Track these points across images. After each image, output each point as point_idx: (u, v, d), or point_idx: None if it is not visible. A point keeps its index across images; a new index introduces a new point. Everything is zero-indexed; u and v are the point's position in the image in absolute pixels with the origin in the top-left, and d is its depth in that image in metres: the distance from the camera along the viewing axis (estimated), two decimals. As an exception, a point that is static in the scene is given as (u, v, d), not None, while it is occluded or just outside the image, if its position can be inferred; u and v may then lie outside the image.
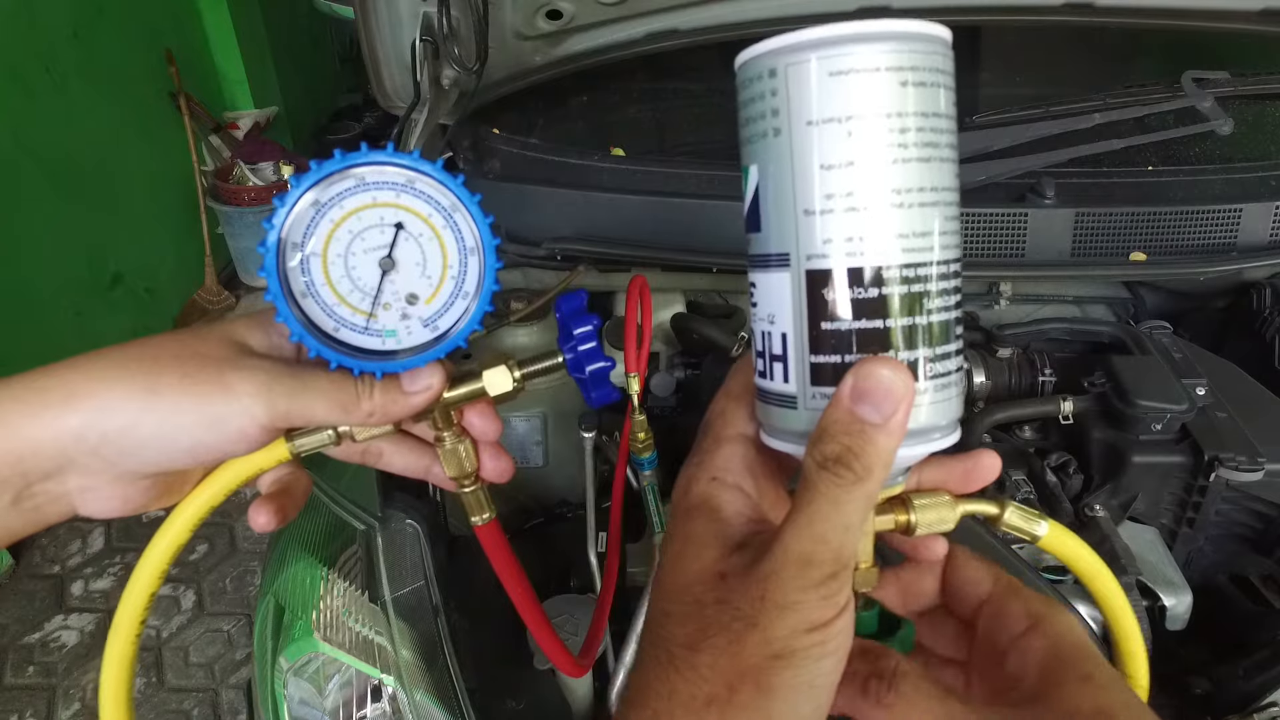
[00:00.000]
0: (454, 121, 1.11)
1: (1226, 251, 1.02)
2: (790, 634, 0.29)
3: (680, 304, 1.10)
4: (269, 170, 3.26)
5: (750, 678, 0.29)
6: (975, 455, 0.37)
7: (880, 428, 0.29)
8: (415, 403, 0.41)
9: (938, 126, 0.30)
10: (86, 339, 2.60)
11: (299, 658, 0.72)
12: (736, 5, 1.13)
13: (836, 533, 0.29)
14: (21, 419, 0.36)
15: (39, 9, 2.44)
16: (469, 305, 0.39)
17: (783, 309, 0.32)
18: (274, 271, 0.37)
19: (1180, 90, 1.13)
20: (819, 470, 0.29)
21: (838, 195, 0.30)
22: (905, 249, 0.30)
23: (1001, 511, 0.38)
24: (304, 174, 0.37)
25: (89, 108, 2.66)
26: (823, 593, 0.29)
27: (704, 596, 0.31)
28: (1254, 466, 0.78)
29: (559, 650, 0.54)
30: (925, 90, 0.30)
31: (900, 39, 0.29)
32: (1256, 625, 0.78)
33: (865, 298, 0.30)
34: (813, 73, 0.29)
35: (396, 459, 0.46)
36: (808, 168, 0.30)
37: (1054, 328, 1.02)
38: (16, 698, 1.90)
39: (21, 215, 2.37)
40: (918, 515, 0.35)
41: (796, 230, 0.31)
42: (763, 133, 0.31)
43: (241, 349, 0.40)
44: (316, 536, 0.82)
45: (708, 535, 0.33)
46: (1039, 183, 1.02)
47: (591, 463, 0.92)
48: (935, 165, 0.30)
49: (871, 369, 0.29)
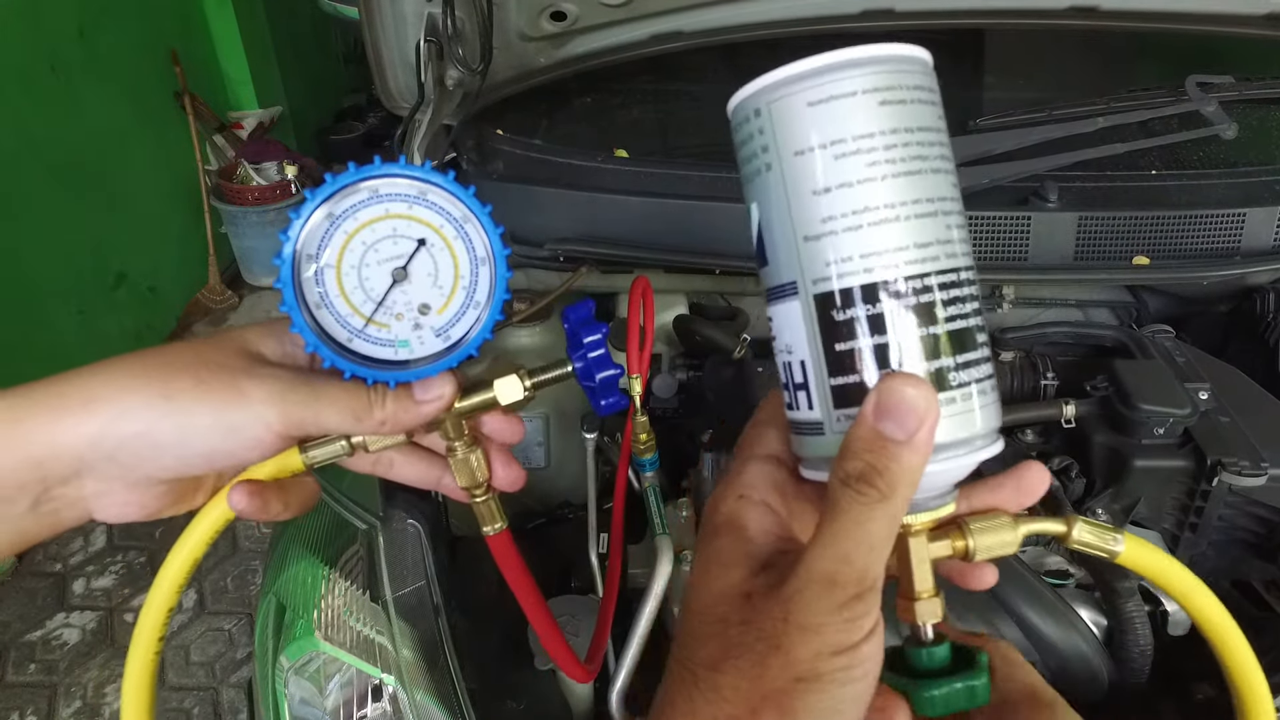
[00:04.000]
0: (458, 122, 1.11)
1: (1230, 256, 1.02)
2: (814, 657, 0.28)
3: (683, 305, 1.10)
4: (273, 170, 3.27)
5: (773, 701, 0.28)
6: (1019, 468, 0.35)
7: (905, 444, 0.28)
8: (427, 411, 0.41)
9: (924, 140, 0.31)
10: (90, 338, 2.61)
11: (300, 657, 0.72)
12: (740, 8, 1.13)
13: (861, 553, 0.29)
14: (41, 424, 0.37)
15: (45, 9, 2.45)
16: (480, 314, 0.40)
17: (798, 337, 0.32)
18: (289, 283, 0.38)
19: (1184, 94, 1.13)
20: (842, 488, 0.29)
21: (835, 218, 0.30)
22: (908, 261, 0.30)
23: (1069, 529, 0.36)
24: (318, 187, 0.38)
25: (94, 107, 2.67)
26: (847, 615, 0.28)
27: (728, 616, 0.31)
28: (1257, 471, 0.77)
29: (569, 658, 0.54)
30: (906, 107, 0.31)
31: (872, 63, 0.30)
32: (1259, 631, 0.78)
33: (875, 314, 0.30)
34: (794, 106, 0.30)
35: (408, 470, 0.46)
36: (801, 195, 0.31)
37: (1056, 331, 1.02)
38: (18, 695, 1.90)
39: (26, 214, 2.37)
40: (975, 540, 0.33)
41: (799, 257, 0.31)
42: (757, 170, 0.32)
43: (255, 358, 0.40)
44: (318, 536, 0.83)
45: (733, 554, 0.32)
46: (1042, 186, 1.02)
47: (593, 464, 0.92)
48: (927, 177, 0.31)
49: (892, 385, 0.29)
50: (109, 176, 2.75)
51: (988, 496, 0.35)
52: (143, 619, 0.42)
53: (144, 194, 2.94)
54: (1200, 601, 0.38)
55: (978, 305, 0.32)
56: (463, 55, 1.02)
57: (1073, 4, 1.09)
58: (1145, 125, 1.12)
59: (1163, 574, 0.37)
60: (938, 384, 0.30)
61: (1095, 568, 0.80)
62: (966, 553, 0.33)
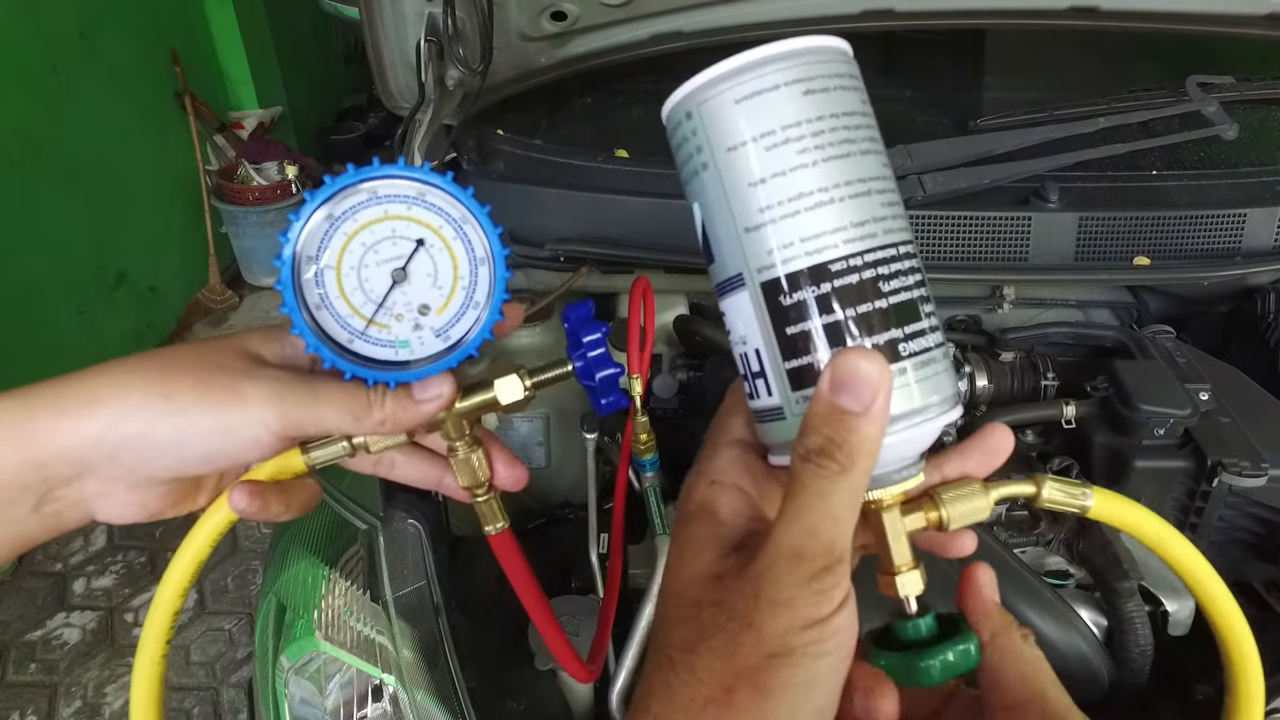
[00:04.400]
0: (458, 122, 1.11)
1: (1231, 256, 1.02)
2: (785, 631, 0.29)
3: (683, 306, 1.10)
4: (273, 170, 3.27)
5: (747, 678, 0.29)
6: (983, 431, 0.36)
7: (862, 416, 0.29)
8: (426, 410, 0.41)
9: (850, 124, 0.32)
10: (90, 337, 2.61)
11: (300, 657, 0.72)
12: (740, 8, 1.13)
13: (826, 525, 0.29)
14: (43, 425, 0.37)
15: (47, 9, 2.45)
16: (480, 315, 0.40)
17: (750, 326, 0.33)
18: (289, 284, 0.38)
19: (1185, 95, 1.13)
20: (803, 464, 0.30)
21: (771, 206, 0.31)
22: (846, 240, 0.31)
23: (1039, 488, 0.37)
24: (318, 189, 0.38)
25: (95, 107, 2.67)
26: (816, 587, 0.29)
27: (701, 599, 0.31)
28: (1257, 472, 0.77)
29: (572, 658, 0.55)
30: (830, 95, 0.32)
31: (791, 56, 0.31)
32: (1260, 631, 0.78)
33: (820, 294, 0.31)
34: (722, 105, 0.32)
35: (409, 470, 0.46)
36: (738, 189, 0.32)
37: (1057, 332, 1.02)
38: (18, 695, 1.91)
39: (27, 213, 2.38)
40: (948, 509, 0.34)
41: (743, 249, 0.32)
42: (695, 171, 0.33)
43: (255, 359, 0.41)
44: (318, 536, 0.83)
45: (705, 538, 0.33)
46: (1043, 186, 1.02)
47: (593, 464, 0.92)
48: (857, 159, 0.32)
49: (846, 360, 0.29)
50: (109, 176, 2.75)
51: (958, 464, 0.36)
52: (149, 624, 0.43)
53: (144, 194, 2.95)
54: (1176, 549, 0.38)
55: (920, 278, 0.33)
56: (463, 55, 1.02)
57: (1073, 4, 1.09)
58: (1146, 125, 1.12)
59: (1136, 525, 0.38)
60: (889, 356, 0.31)
61: (1095, 568, 0.80)
62: (941, 523, 0.34)
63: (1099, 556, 0.79)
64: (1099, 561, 0.79)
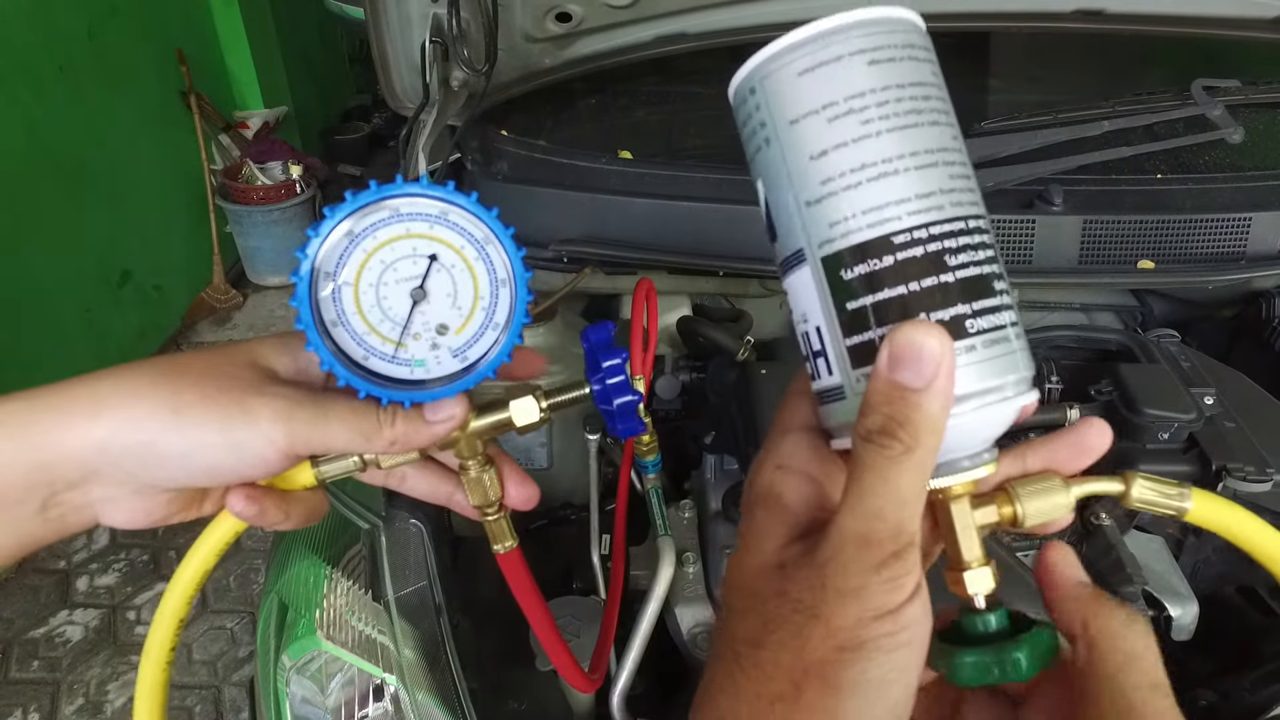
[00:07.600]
0: (463, 123, 1.11)
1: (1235, 260, 1.01)
2: (855, 623, 0.27)
3: (686, 307, 1.10)
4: (278, 170, 3.27)
5: (816, 674, 0.27)
6: (1078, 425, 0.33)
7: (924, 391, 0.27)
8: (437, 431, 0.40)
9: (918, 94, 0.31)
10: (95, 336, 2.62)
11: (302, 656, 0.72)
12: (745, 10, 1.13)
13: (893, 508, 0.27)
14: (49, 428, 0.37)
15: (54, 9, 2.46)
16: (499, 336, 0.39)
17: (811, 303, 0.32)
18: (306, 300, 0.37)
19: (1190, 98, 1.12)
20: (865, 444, 0.28)
21: (833, 178, 0.30)
22: (911, 212, 0.30)
23: (1128, 486, 0.34)
24: (339, 204, 0.37)
25: (101, 107, 2.68)
26: (886, 575, 0.27)
27: (763, 590, 0.30)
28: (1262, 477, 0.77)
29: (576, 671, 0.54)
30: (897, 65, 0.31)
31: (856, 27, 0.31)
32: (1264, 637, 0.78)
33: (882, 268, 0.30)
34: (785, 78, 0.31)
35: (420, 484, 0.46)
36: (800, 162, 0.31)
37: (1061, 335, 1.01)
38: (21, 692, 1.91)
39: (33, 212, 2.38)
40: (1024, 505, 0.32)
41: (804, 223, 0.31)
42: (758, 146, 0.32)
43: (265, 373, 0.40)
44: (320, 535, 0.83)
45: (770, 525, 0.31)
46: (1047, 189, 1.02)
47: (596, 465, 0.92)
48: (925, 129, 0.31)
49: (904, 333, 0.28)
50: (115, 175, 2.76)
51: (1044, 456, 0.33)
52: (154, 629, 0.43)
53: (150, 193, 2.95)
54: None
55: (992, 253, 0.31)
56: (468, 56, 1.03)
57: (1079, 7, 1.09)
58: (1151, 129, 1.11)
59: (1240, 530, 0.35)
60: (954, 333, 0.29)
61: (1099, 572, 0.80)
62: (1015, 518, 0.32)
63: (1102, 561, 0.79)
64: (1103, 566, 0.79)
